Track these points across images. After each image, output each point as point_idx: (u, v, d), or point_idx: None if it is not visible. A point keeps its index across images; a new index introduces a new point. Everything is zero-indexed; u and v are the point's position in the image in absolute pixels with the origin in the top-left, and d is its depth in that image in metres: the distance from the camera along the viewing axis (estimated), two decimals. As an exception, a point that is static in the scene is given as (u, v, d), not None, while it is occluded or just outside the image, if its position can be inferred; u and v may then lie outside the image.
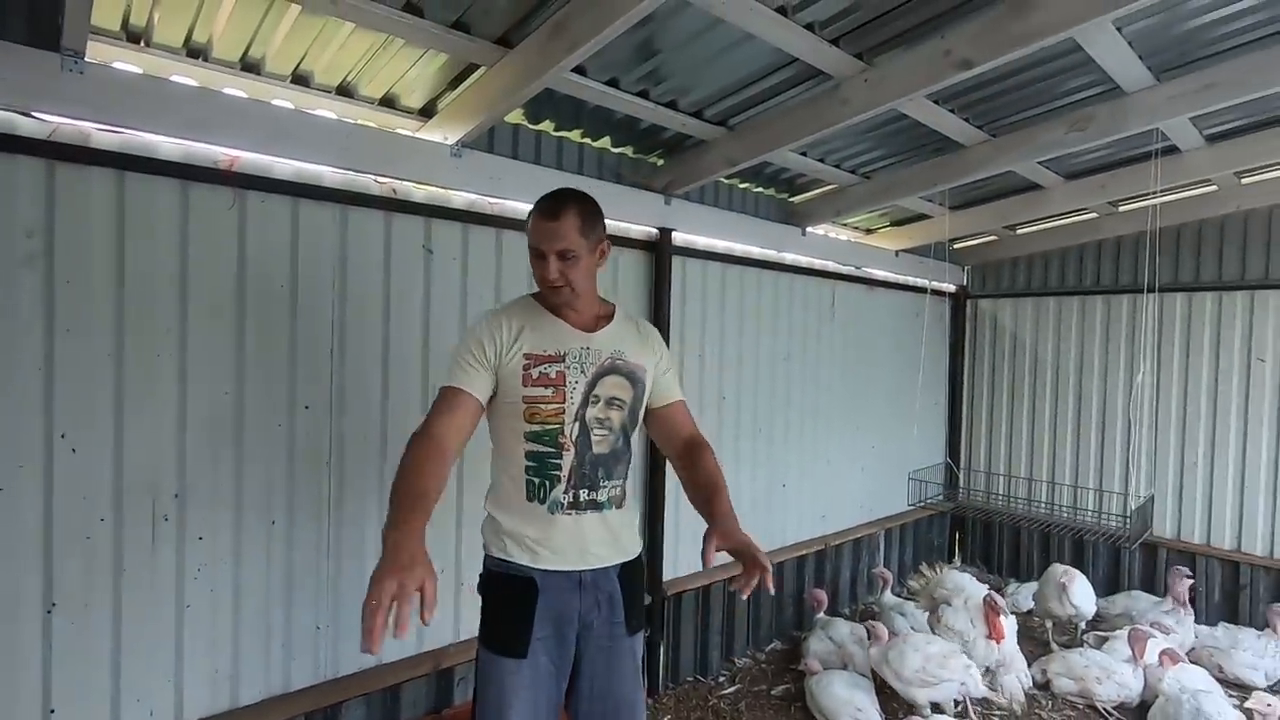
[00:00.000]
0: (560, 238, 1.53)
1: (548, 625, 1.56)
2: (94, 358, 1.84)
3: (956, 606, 3.30)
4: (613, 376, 1.63)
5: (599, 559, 1.62)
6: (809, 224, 3.75)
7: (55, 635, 1.80)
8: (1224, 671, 3.30)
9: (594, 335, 1.64)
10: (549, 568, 1.57)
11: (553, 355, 1.58)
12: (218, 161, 2.01)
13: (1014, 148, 2.95)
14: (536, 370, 1.57)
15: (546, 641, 1.56)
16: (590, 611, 1.60)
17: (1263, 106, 2.79)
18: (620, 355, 1.65)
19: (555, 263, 1.54)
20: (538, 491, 1.58)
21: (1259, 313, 3.91)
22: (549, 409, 1.57)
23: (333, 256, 2.24)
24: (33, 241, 1.75)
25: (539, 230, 1.56)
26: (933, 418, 4.97)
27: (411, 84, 2.28)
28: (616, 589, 1.64)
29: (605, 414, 1.62)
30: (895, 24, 2.14)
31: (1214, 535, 4.05)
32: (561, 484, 1.58)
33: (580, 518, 1.59)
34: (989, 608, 3.15)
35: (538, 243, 1.56)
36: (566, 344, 1.60)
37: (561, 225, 1.54)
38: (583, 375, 1.59)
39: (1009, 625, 3.17)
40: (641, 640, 1.72)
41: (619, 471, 1.66)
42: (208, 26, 1.91)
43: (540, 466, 1.58)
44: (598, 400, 1.61)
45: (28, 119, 1.74)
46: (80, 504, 1.83)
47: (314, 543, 2.23)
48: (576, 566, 1.59)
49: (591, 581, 1.61)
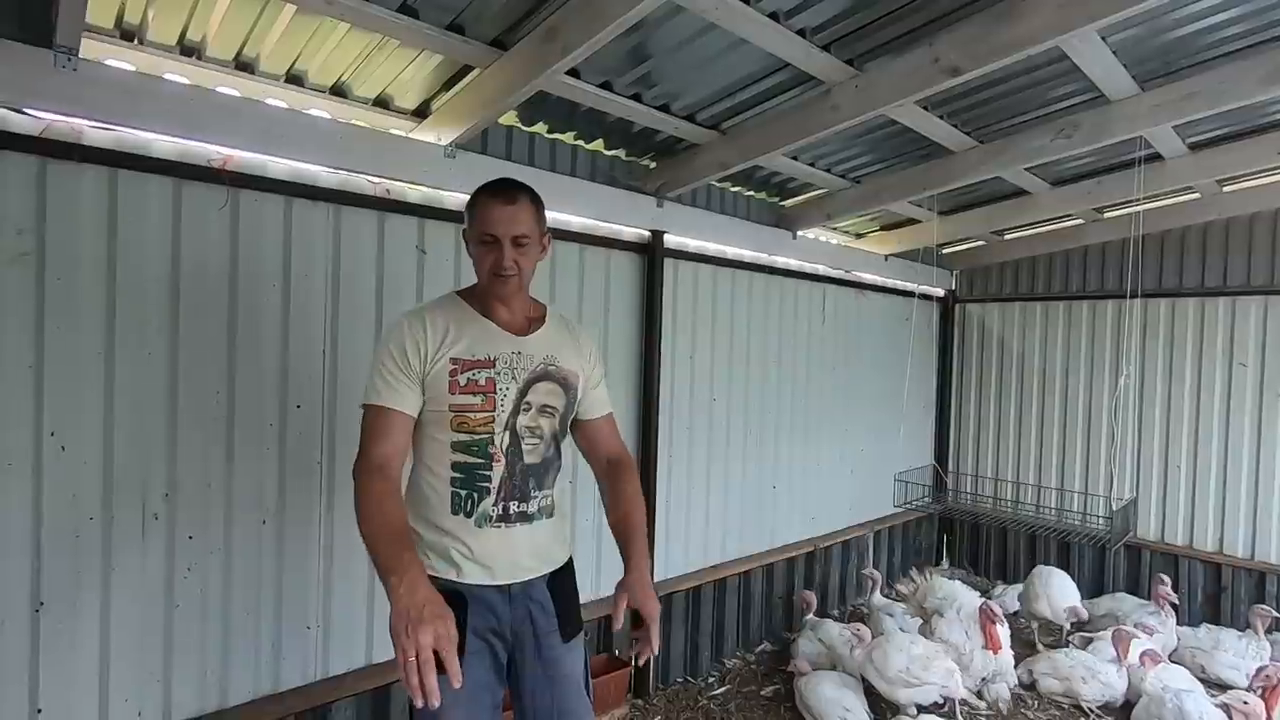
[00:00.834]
0: (518, 223, 1.48)
1: (477, 640, 1.48)
2: (84, 356, 1.83)
3: (950, 617, 3.20)
4: (545, 383, 1.55)
5: (528, 570, 1.54)
6: (799, 228, 3.78)
7: (43, 634, 1.80)
8: (1206, 672, 3.35)
9: (526, 339, 1.56)
10: (476, 582, 1.49)
11: (482, 360, 1.49)
12: (211, 160, 2.01)
13: (1001, 154, 3.00)
14: (465, 376, 1.47)
15: (480, 655, 1.48)
16: (521, 622, 1.53)
17: (1244, 116, 2.85)
18: (553, 361, 1.57)
19: (510, 249, 1.47)
20: (464, 504, 1.49)
21: (1240, 318, 3.98)
22: (478, 418, 1.48)
23: (326, 256, 2.24)
24: (23, 239, 1.74)
25: (493, 215, 1.48)
26: (921, 421, 5.01)
27: (406, 85, 2.29)
28: (547, 597, 1.56)
29: (536, 422, 1.54)
30: (885, 31, 2.17)
31: (1196, 537, 4.11)
32: (491, 496, 1.49)
33: (509, 530, 1.51)
34: (985, 617, 3.09)
35: (491, 228, 1.47)
36: (497, 348, 1.51)
37: (519, 210, 1.49)
38: (514, 381, 1.51)
39: (1005, 635, 3.12)
40: (582, 646, 1.64)
41: (549, 481, 1.59)
42: (202, 25, 1.92)
43: (468, 478, 1.49)
44: (529, 408, 1.53)
45: (19, 115, 1.73)
46: (69, 502, 1.82)
47: (305, 542, 2.22)
48: (504, 580, 1.51)
49: (521, 592, 1.53)
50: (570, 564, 1.67)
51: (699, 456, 3.45)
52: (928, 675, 2.83)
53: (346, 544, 2.30)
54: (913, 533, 4.97)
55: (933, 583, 3.47)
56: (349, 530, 2.27)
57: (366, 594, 2.35)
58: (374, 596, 2.37)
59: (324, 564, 2.26)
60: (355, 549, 2.31)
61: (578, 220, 2.88)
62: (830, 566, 4.24)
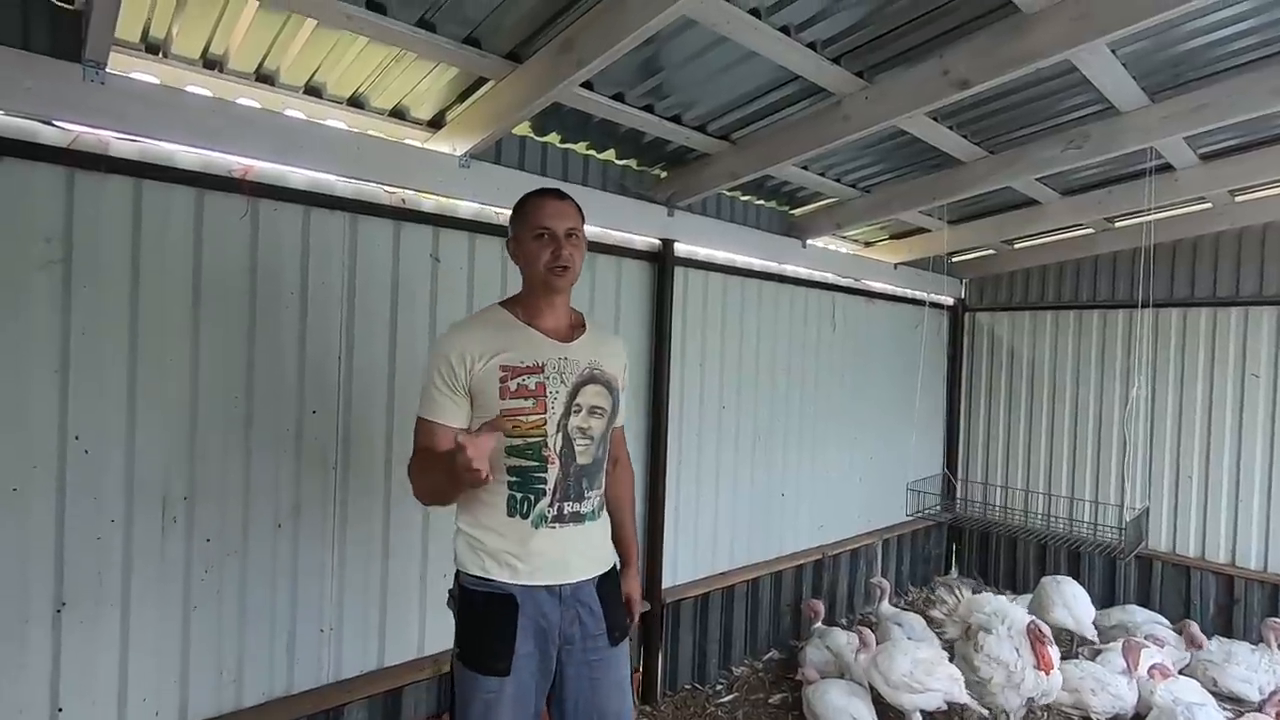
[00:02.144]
0: (570, 217, 1.58)
1: (529, 641, 1.52)
2: (108, 360, 1.87)
3: (999, 634, 2.94)
4: (593, 385, 1.60)
5: (580, 571, 1.58)
6: (809, 236, 3.80)
7: (64, 634, 1.83)
8: (1218, 685, 3.32)
9: (570, 345, 1.61)
10: (530, 583, 1.53)
11: (531, 366, 1.54)
12: (232, 171, 2.05)
13: (1011, 164, 3.01)
14: (515, 382, 1.52)
15: (529, 658, 1.52)
16: (571, 625, 1.56)
17: (1256, 126, 2.84)
18: (597, 365, 1.62)
19: (566, 242, 1.55)
20: (520, 506, 1.54)
21: (1253, 328, 3.96)
22: (530, 420, 1.52)
23: (342, 264, 2.28)
24: (51, 246, 1.79)
25: (547, 209, 1.56)
26: (931, 429, 5.00)
27: (422, 96, 2.33)
28: (596, 601, 1.60)
29: (587, 423, 1.58)
30: (895, 44, 2.19)
31: (1209, 549, 4.08)
32: (547, 497, 1.54)
33: (563, 530, 1.56)
34: (1033, 636, 2.87)
35: (547, 221, 1.54)
36: (544, 354, 1.56)
37: (570, 206, 1.59)
38: (563, 385, 1.55)
39: (1056, 655, 2.90)
40: (627, 651, 1.69)
41: (599, 481, 1.64)
42: (225, 38, 1.96)
43: (523, 481, 1.54)
44: (580, 409, 1.57)
45: (49, 127, 1.78)
46: (91, 505, 1.86)
47: (320, 546, 2.25)
48: (557, 581, 1.55)
49: (571, 595, 1.57)
50: (616, 568, 1.72)
51: (708, 463, 3.46)
52: (931, 681, 2.82)
53: (359, 547, 2.33)
54: (921, 541, 4.96)
55: (976, 598, 3.16)
56: (362, 533, 2.33)
57: (379, 597, 2.38)
58: (386, 599, 2.39)
59: (337, 567, 2.29)
60: (368, 552, 2.35)
61: (590, 229, 2.84)
62: (839, 575, 4.24)
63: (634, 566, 1.84)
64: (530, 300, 1.61)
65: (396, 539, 2.40)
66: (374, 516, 2.35)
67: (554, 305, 1.61)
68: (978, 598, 3.14)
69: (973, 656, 2.91)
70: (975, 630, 3.02)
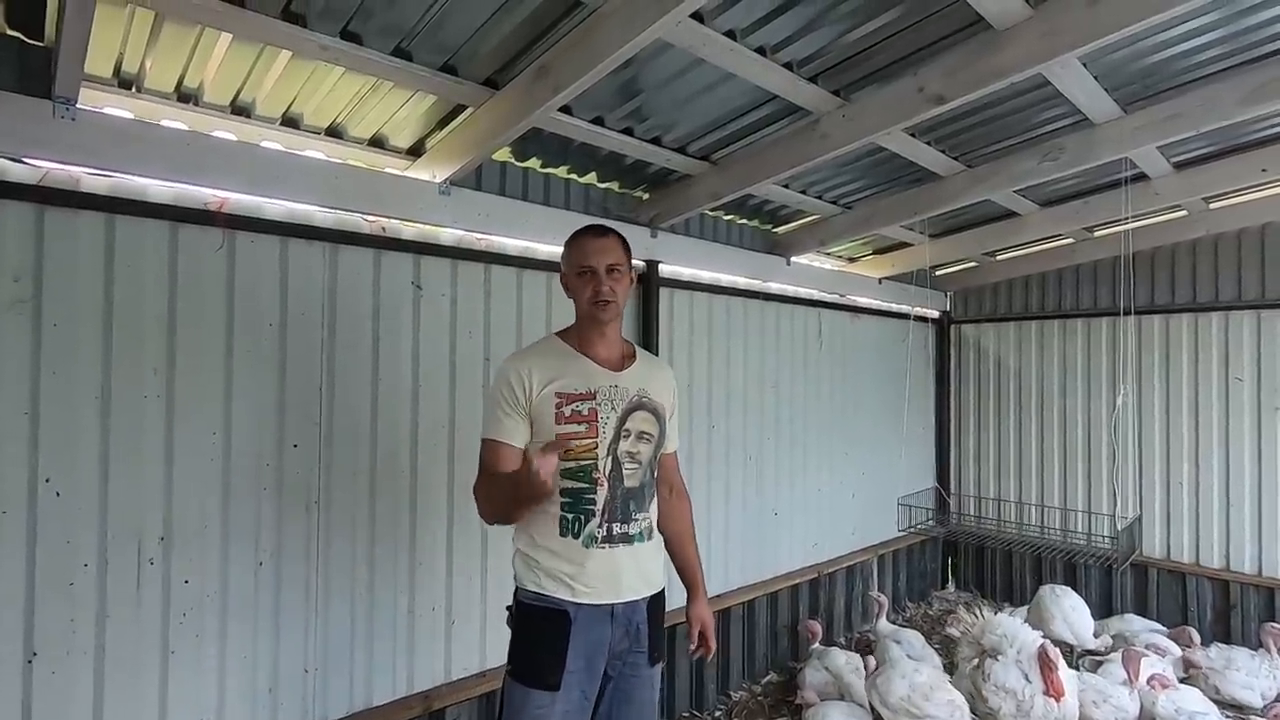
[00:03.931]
0: (611, 252, 1.65)
1: (581, 658, 1.59)
2: (80, 400, 1.83)
3: (1007, 660, 2.79)
4: (641, 412, 1.69)
5: (632, 591, 1.66)
6: (793, 254, 3.81)
7: (35, 685, 1.76)
8: (1220, 693, 3.30)
9: (621, 374, 1.69)
10: (584, 601, 1.60)
11: (584, 394, 1.63)
12: (207, 203, 2.03)
13: (990, 177, 3.04)
14: (569, 408, 1.61)
15: (579, 674, 1.59)
16: (620, 643, 1.64)
17: (1226, 134, 2.89)
18: (645, 394, 1.71)
19: (606, 278, 1.62)
20: (571, 526, 1.62)
21: (1234, 333, 4.00)
22: (583, 444, 1.61)
23: (322, 294, 2.25)
24: (20, 285, 1.75)
25: (588, 247, 1.65)
26: (921, 443, 5.00)
27: (400, 124, 2.33)
28: (644, 620, 1.69)
29: (636, 448, 1.67)
30: (870, 62, 2.21)
31: (1203, 554, 4.08)
32: (596, 518, 1.62)
33: (614, 551, 1.63)
34: (1043, 662, 2.73)
35: (588, 259, 1.64)
36: (596, 382, 1.65)
37: (611, 242, 1.67)
38: (613, 411, 1.64)
39: (1070, 679, 2.78)
40: (659, 674, 1.76)
41: (647, 505, 1.71)
42: (199, 72, 1.95)
43: (575, 502, 1.62)
44: (629, 434, 1.66)
45: (18, 164, 1.75)
46: (64, 549, 1.80)
47: (302, 584, 2.19)
48: (609, 600, 1.62)
49: (623, 613, 1.64)
50: (664, 590, 1.78)
51: (699, 484, 3.42)
52: (928, 706, 2.76)
53: (342, 584, 2.27)
54: (917, 556, 4.93)
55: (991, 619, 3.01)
56: (345, 570, 2.27)
57: (365, 635, 2.32)
58: (371, 638, 2.33)
59: (320, 605, 2.23)
60: (351, 590, 2.29)
61: None
62: (835, 593, 4.20)
63: (701, 592, 1.93)
64: (582, 331, 1.71)
65: (380, 575, 2.35)
66: (357, 551, 2.30)
67: (605, 335, 1.70)
68: (994, 619, 3.02)
69: (981, 686, 2.82)
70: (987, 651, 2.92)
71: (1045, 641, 2.83)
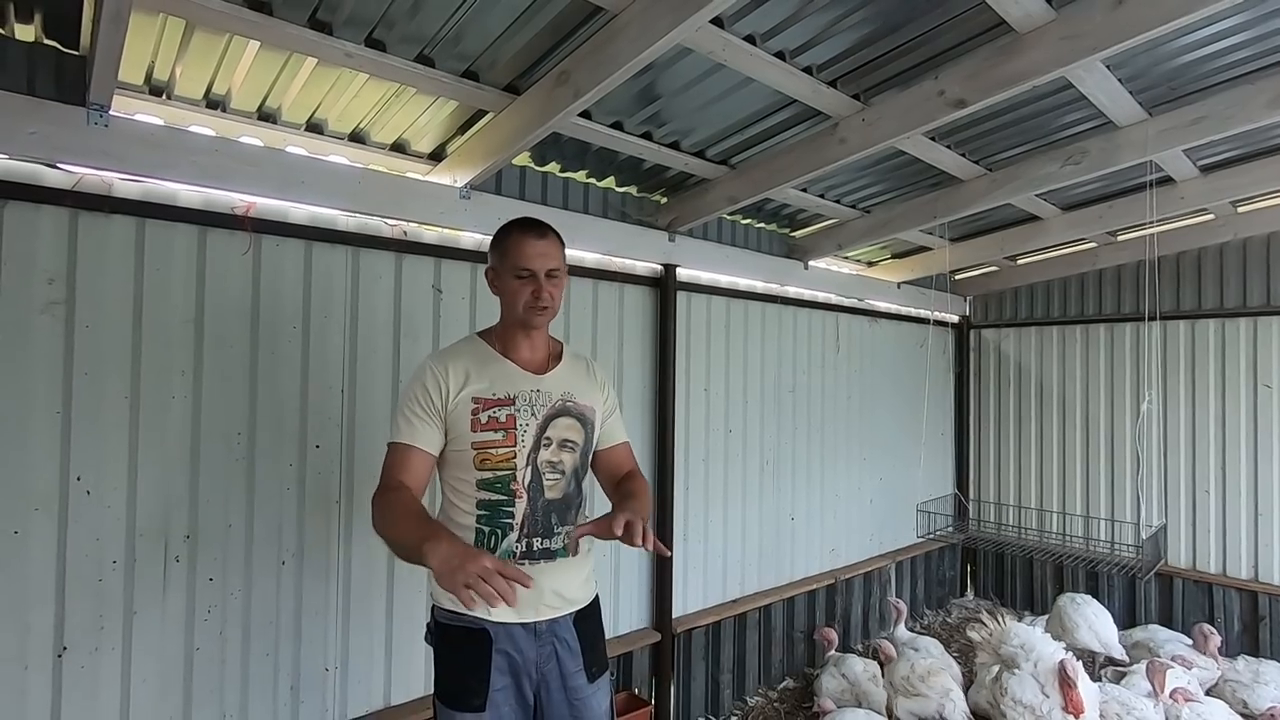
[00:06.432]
0: (551, 256, 1.55)
1: (505, 676, 1.50)
2: (110, 400, 1.87)
3: (1023, 673, 2.72)
4: (564, 418, 1.59)
5: (552, 609, 1.56)
6: (811, 258, 3.80)
7: (65, 679, 1.80)
8: (1248, 707, 3.22)
9: (544, 377, 1.60)
10: (502, 619, 1.50)
11: (502, 399, 1.54)
12: (234, 208, 2.07)
13: (1010, 181, 3.01)
14: (486, 414, 1.52)
15: (506, 692, 1.50)
16: (547, 661, 1.55)
17: (1255, 137, 2.84)
18: (570, 397, 1.61)
19: (545, 282, 1.54)
20: (487, 541, 1.52)
21: (1263, 339, 3.92)
22: (500, 453, 1.52)
23: (344, 297, 2.28)
24: (53, 288, 1.80)
25: (529, 249, 1.53)
26: (940, 448, 4.95)
27: (422, 130, 2.36)
28: (573, 636, 1.58)
29: (558, 457, 1.57)
30: (890, 66, 2.21)
31: (1230, 565, 4.00)
32: (514, 532, 1.53)
33: (533, 567, 1.52)
34: (1063, 679, 2.65)
35: (529, 261, 1.52)
36: (516, 386, 1.56)
37: (552, 244, 1.57)
38: (533, 418, 1.55)
39: (1091, 692, 2.69)
40: (608, 686, 1.66)
41: (571, 517, 1.61)
42: (227, 79, 1.99)
43: (492, 515, 1.53)
44: (550, 443, 1.57)
45: (54, 170, 1.80)
46: (93, 546, 1.84)
47: (324, 583, 2.22)
48: (529, 618, 1.53)
49: (547, 630, 1.55)
50: (596, 603, 1.69)
51: (716, 489, 3.42)
52: (924, 687, 2.75)
53: (364, 583, 2.30)
54: (935, 563, 4.88)
55: (1008, 628, 2.96)
56: (367, 570, 2.29)
57: (385, 635, 2.34)
58: (391, 637, 2.35)
59: (342, 604, 2.26)
60: (373, 588, 2.31)
61: (591, 256, 2.91)
62: (852, 599, 4.17)
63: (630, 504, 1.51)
64: (507, 333, 1.62)
65: (401, 574, 2.37)
66: (379, 551, 2.32)
67: (531, 338, 1.62)
68: (1011, 627, 2.97)
69: (999, 699, 2.77)
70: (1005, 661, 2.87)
71: (1067, 657, 2.73)
